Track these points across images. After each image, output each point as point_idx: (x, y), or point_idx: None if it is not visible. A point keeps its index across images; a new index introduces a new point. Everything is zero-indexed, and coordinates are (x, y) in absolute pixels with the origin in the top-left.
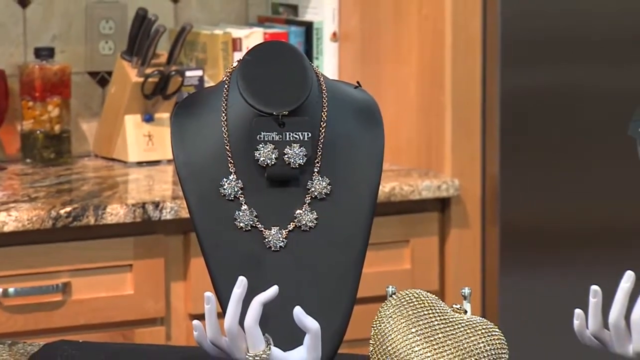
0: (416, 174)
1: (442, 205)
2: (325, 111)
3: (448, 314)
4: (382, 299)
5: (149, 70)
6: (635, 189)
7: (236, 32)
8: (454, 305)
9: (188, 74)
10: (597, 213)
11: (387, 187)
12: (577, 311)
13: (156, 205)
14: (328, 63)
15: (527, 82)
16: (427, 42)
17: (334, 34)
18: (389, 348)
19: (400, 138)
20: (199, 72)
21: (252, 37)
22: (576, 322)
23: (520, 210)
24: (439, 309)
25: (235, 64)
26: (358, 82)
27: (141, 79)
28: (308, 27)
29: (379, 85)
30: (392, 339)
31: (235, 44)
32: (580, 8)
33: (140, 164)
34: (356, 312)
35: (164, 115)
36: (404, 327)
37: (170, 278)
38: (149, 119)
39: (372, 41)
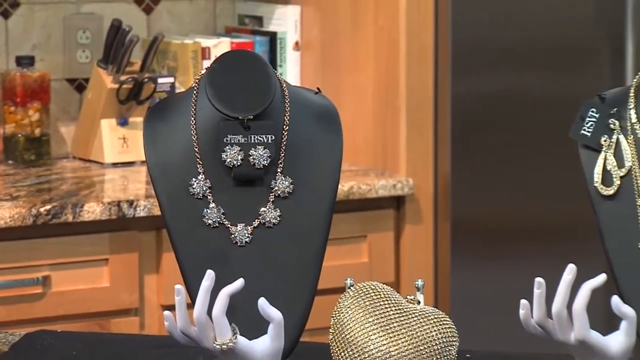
0: (373, 174)
1: (397, 202)
2: (288, 115)
3: (403, 304)
4: (341, 290)
5: (123, 77)
6: (577, 187)
7: (205, 42)
8: (408, 296)
9: (160, 80)
10: (542, 210)
11: (346, 186)
12: (523, 301)
13: (130, 203)
14: (291, 70)
15: (475, 88)
16: (382, 51)
17: (296, 44)
18: (348, 337)
19: (358, 140)
20: (171, 79)
21: (220, 46)
22: (522, 312)
23: (470, 207)
24: (394, 300)
25: (203, 72)
26: (318, 88)
27: (116, 86)
28: (272, 37)
29: (338, 91)
30: (351, 328)
31: (204, 52)
32: (525, 19)
33: (115, 165)
34: (317, 303)
35: (137, 119)
36: (361, 317)
37: (144, 271)
38: (123, 122)
39: (331, 50)
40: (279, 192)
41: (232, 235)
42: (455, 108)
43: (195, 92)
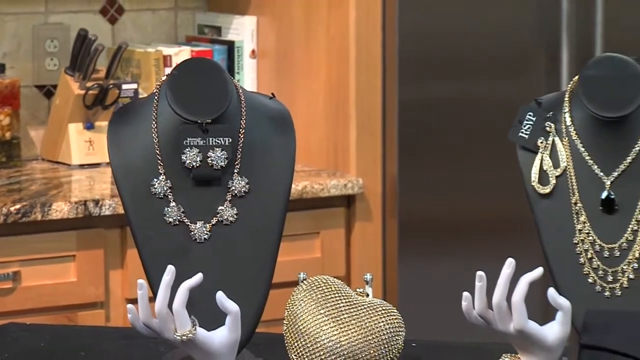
0: (325, 174)
1: (347, 201)
2: (244, 119)
3: (352, 297)
4: (294, 284)
5: (89, 84)
6: (516, 186)
7: (166, 50)
8: (358, 289)
9: (124, 87)
10: (483, 208)
11: (300, 185)
12: (465, 294)
13: (96, 202)
14: (248, 77)
15: (421, 94)
16: (334, 59)
17: (253, 52)
18: (301, 327)
19: (311, 142)
20: (134, 86)
21: (181, 54)
22: (464, 304)
23: (416, 206)
24: (344, 293)
25: (164, 78)
26: (272, 94)
27: (83, 92)
28: (230, 45)
29: (292, 96)
30: (304, 319)
31: (166, 60)
32: (467, 30)
33: (82, 166)
34: (272, 296)
35: (103, 124)
36: (313, 309)
37: (109, 267)
38: (89, 126)
39: (286, 58)
40: (236, 192)
41: (192, 233)
42: (402, 113)
43: (156, 97)
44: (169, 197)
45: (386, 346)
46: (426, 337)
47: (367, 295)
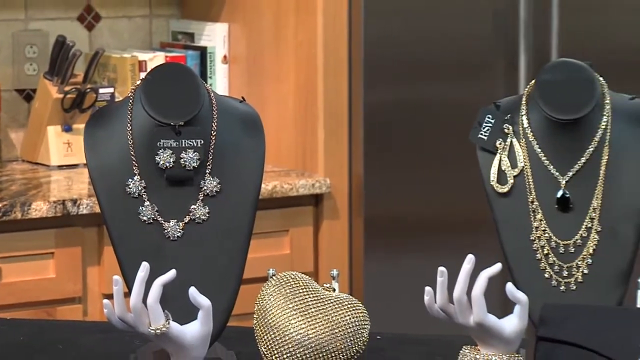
0: (294, 174)
1: (316, 200)
2: (215, 122)
3: (320, 292)
4: (264, 279)
5: (67, 88)
6: (476, 186)
7: (142, 56)
8: (325, 285)
9: (101, 91)
10: (445, 206)
11: (270, 185)
12: (427, 288)
13: (74, 202)
14: (220, 82)
15: (386, 97)
16: (302, 64)
17: (225, 57)
18: (270, 321)
19: (280, 144)
20: (111, 90)
21: (156, 59)
22: (426, 298)
23: (381, 205)
24: (312, 288)
25: (138, 82)
26: (243, 97)
27: (61, 95)
28: (203, 51)
29: (262, 100)
30: (273, 313)
31: (141, 65)
32: (430, 36)
33: (60, 167)
34: (242, 291)
35: (80, 126)
36: (282, 303)
37: (87, 264)
38: (68, 129)
39: (256, 63)
40: (208, 191)
41: (165, 231)
42: (368, 115)
43: (130, 101)
44: (144, 196)
45: (352, 339)
46: (390, 330)
47: (334, 290)
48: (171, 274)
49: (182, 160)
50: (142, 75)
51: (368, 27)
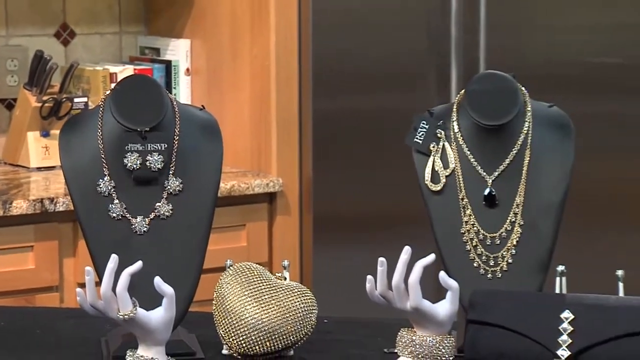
0: (250, 175)
1: (269, 198)
2: (178, 128)
3: (272, 280)
4: (223, 269)
5: (45, 98)
6: (412, 185)
7: (113, 68)
8: (277, 274)
9: (76, 100)
10: (385, 203)
11: (228, 184)
12: (368, 277)
13: (51, 200)
14: (183, 92)
15: (332, 105)
16: (257, 76)
17: (187, 70)
18: (228, 307)
19: (237, 148)
20: (85, 99)
21: (125, 72)
22: (368, 285)
23: (328, 202)
24: (265, 277)
25: (108, 92)
26: (202, 106)
27: (39, 104)
28: (167, 64)
29: (221, 108)
30: (230, 300)
31: (112, 77)
32: (371, 51)
33: (39, 169)
34: (203, 280)
35: (57, 132)
36: (238, 291)
37: (63, 256)
38: (45, 134)
39: (215, 75)
40: (171, 190)
41: (133, 226)
42: (316, 121)
43: (101, 109)
44: (113, 195)
45: (301, 322)
46: (336, 314)
47: (285, 279)
48: (138, 265)
49: (147, 162)
50: (113, 86)
51: (316, 43)
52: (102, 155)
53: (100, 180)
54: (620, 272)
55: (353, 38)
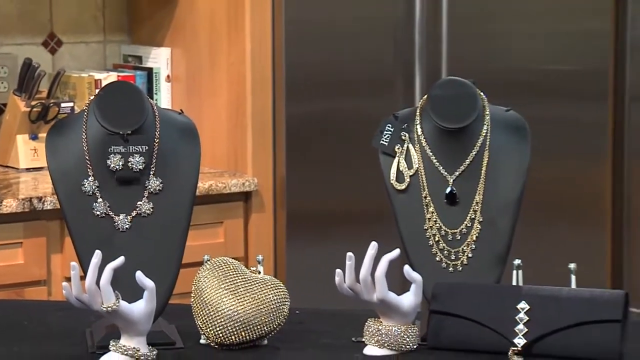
0: (227, 175)
1: (245, 197)
2: (158, 131)
3: (247, 274)
4: (201, 264)
5: (34, 103)
6: (379, 184)
7: (97, 75)
8: (252, 268)
9: (63, 105)
10: (353, 201)
11: (207, 184)
12: (337, 271)
13: (40, 199)
14: (164, 97)
15: (304, 109)
16: (233, 82)
17: (168, 77)
18: (205, 299)
19: (215, 150)
20: (71, 104)
21: (109, 78)
22: (337, 279)
23: (301, 200)
24: (240, 271)
25: (92, 98)
26: (181, 110)
27: (28, 109)
28: (149, 71)
29: (200, 112)
30: (208, 292)
31: (97, 83)
32: (341, 59)
33: (28, 169)
34: (182, 274)
35: (45, 135)
36: (215, 284)
37: (50, 251)
38: (34, 137)
39: (194, 81)
40: (152, 190)
41: (116, 223)
42: (289, 124)
43: (85, 113)
44: (97, 194)
45: (274, 313)
46: (308, 306)
47: (259, 272)
48: (120, 260)
49: (129, 163)
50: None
51: (288, 51)
52: (87, 157)
53: (85, 180)
54: (572, 266)
55: (323, 47)
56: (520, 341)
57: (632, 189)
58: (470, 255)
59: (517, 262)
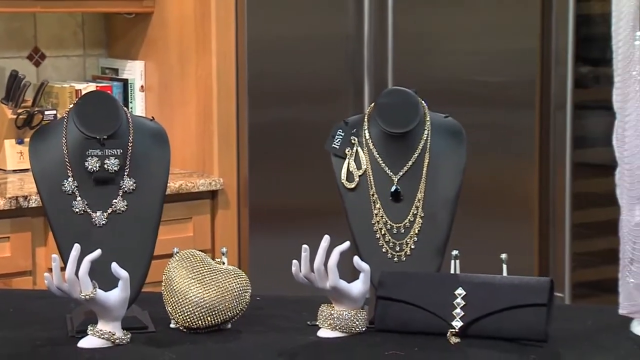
0: (196, 175)
1: (212, 195)
2: (132, 136)
3: (213, 265)
4: (171, 256)
5: (20, 111)
6: (330, 183)
7: (78, 86)
8: (217, 260)
9: (46, 112)
10: (309, 199)
11: (177, 183)
12: (294, 261)
13: (25, 198)
14: (138, 106)
15: (265, 117)
16: (201, 92)
17: (142, 87)
18: (175, 288)
19: (185, 152)
20: (54, 112)
21: (88, 88)
22: (294, 268)
23: (262, 198)
24: (206, 262)
25: (71, 106)
26: (152, 117)
27: (15, 116)
28: (125, 82)
29: (171, 119)
30: (177, 282)
31: (77, 93)
32: (299, 69)
33: (15, 171)
34: (153, 265)
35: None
36: (184, 274)
37: (35, 245)
38: (20, 142)
39: (166, 91)
40: (126, 189)
41: (93, 220)
42: (251, 130)
43: (65, 120)
44: (76, 193)
45: (237, 300)
46: (268, 293)
47: (224, 263)
48: (97, 252)
49: (105, 165)
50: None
51: (251, 64)
52: (67, 160)
53: (65, 180)
54: (504, 256)
55: (282, 60)
56: (457, 323)
57: (556, 188)
58: (413, 247)
59: (454, 252)
